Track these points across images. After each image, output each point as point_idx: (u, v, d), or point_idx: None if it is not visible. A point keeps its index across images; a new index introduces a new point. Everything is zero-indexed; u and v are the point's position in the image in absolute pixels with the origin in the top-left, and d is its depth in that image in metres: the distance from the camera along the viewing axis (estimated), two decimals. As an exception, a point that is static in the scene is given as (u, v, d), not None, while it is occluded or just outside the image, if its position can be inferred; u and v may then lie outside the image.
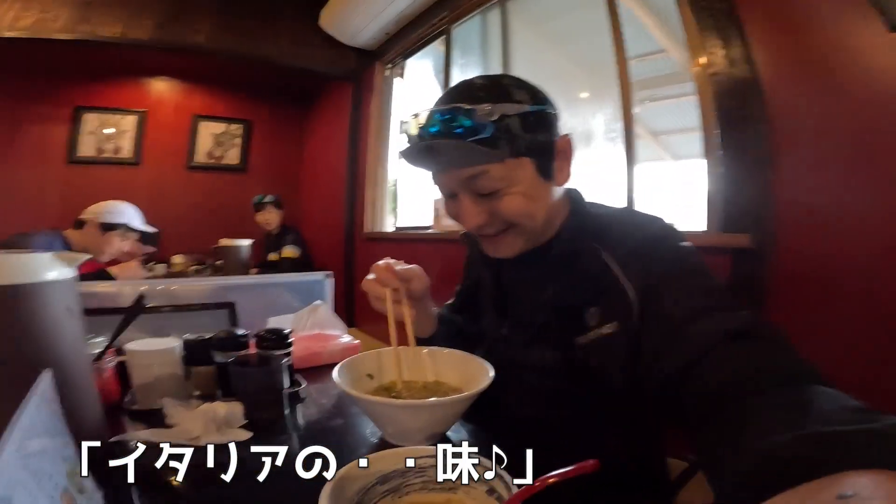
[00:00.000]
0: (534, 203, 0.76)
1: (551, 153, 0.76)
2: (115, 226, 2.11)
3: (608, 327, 0.73)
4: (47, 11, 2.90)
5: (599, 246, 0.77)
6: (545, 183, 0.77)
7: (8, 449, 0.35)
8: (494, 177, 0.72)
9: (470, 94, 0.73)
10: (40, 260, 0.61)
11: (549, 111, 0.76)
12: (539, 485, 0.48)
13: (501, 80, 0.76)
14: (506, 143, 0.71)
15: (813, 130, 1.31)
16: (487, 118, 0.69)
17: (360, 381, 0.82)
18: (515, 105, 0.71)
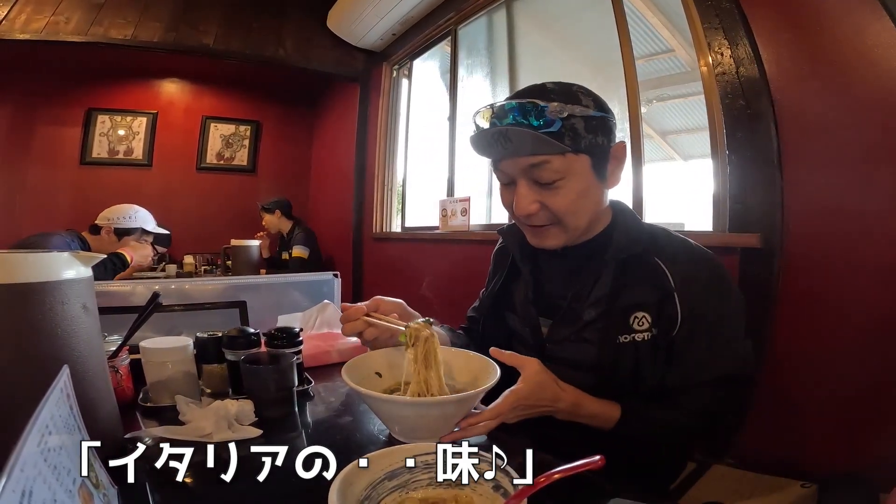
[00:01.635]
0: (583, 200, 0.83)
1: (606, 156, 0.84)
2: (131, 230, 2.15)
3: (650, 333, 0.82)
4: (59, 14, 2.94)
5: (655, 255, 0.84)
6: (598, 182, 0.84)
7: (29, 443, 0.36)
8: (554, 168, 0.79)
9: (543, 94, 0.80)
10: (58, 259, 0.62)
11: (609, 119, 0.83)
12: (544, 480, 0.49)
13: (571, 86, 0.83)
14: (569, 139, 0.78)
15: (822, 129, 1.30)
16: (557, 115, 0.76)
17: (367, 380, 0.83)
18: (582, 108, 0.78)
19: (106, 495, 0.49)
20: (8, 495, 0.30)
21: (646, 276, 0.83)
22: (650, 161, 1.92)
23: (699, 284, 0.82)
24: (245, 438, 0.74)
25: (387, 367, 0.86)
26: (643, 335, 0.82)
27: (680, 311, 0.81)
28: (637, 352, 0.82)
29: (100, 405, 0.66)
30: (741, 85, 1.44)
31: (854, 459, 1.18)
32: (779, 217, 1.36)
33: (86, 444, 0.49)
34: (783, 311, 1.35)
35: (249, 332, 0.93)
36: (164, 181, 4.33)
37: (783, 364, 1.34)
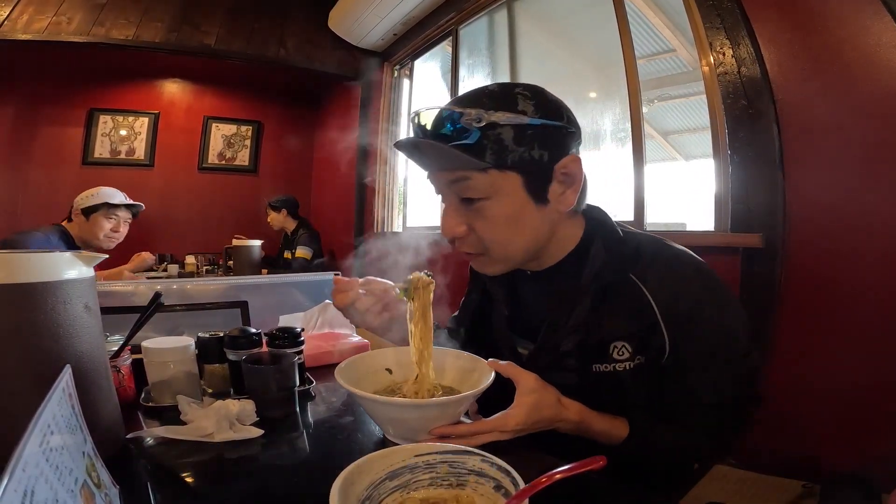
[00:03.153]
0: (512, 227, 0.72)
1: (548, 173, 0.71)
2: (95, 207, 2.16)
3: (633, 362, 0.75)
4: (61, 14, 2.95)
5: (638, 280, 0.74)
6: (535, 206, 0.72)
7: (31, 443, 0.36)
8: (474, 186, 0.70)
9: (473, 98, 0.71)
10: (60, 259, 0.63)
11: (554, 127, 0.70)
12: (546, 480, 0.49)
13: (514, 88, 0.72)
14: (492, 153, 0.68)
15: (824, 129, 1.30)
16: (474, 123, 0.66)
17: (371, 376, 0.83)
18: (513, 114, 0.67)
19: (107, 495, 0.49)
20: (10, 495, 0.31)
21: (627, 305, 0.74)
22: (651, 161, 1.92)
23: (689, 309, 0.72)
24: (246, 438, 0.74)
25: (395, 365, 0.86)
26: (624, 364, 0.74)
27: (668, 340, 0.73)
28: (618, 380, 0.75)
29: (102, 405, 0.66)
30: (743, 85, 1.44)
31: (856, 459, 1.18)
32: (781, 217, 1.36)
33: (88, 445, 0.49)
34: (785, 311, 1.35)
35: (251, 331, 0.93)
36: (166, 181, 4.33)
37: (785, 364, 1.34)
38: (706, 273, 0.76)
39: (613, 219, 0.82)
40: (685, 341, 0.73)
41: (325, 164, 4.79)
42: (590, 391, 0.74)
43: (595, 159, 2.18)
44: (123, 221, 2.26)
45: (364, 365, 0.84)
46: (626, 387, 0.75)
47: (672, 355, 0.73)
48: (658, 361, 0.74)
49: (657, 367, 0.74)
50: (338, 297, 0.87)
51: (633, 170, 1.88)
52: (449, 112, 0.68)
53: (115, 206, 2.19)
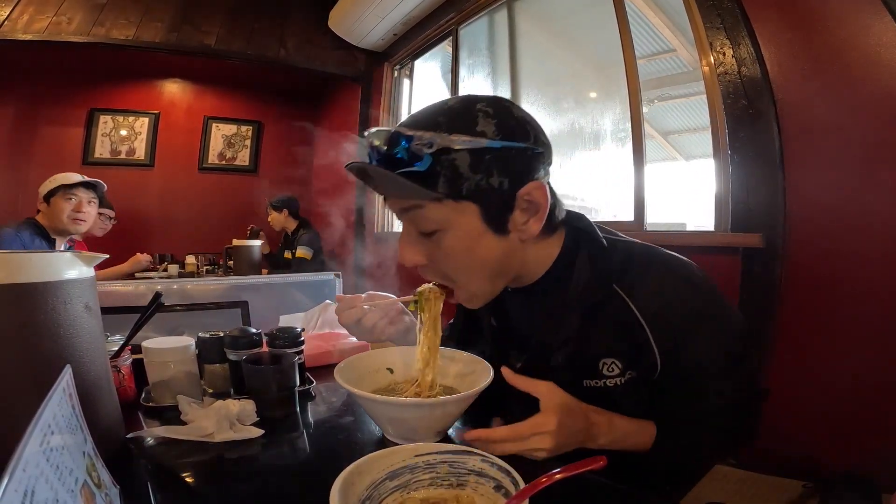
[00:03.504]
0: (473, 259, 0.68)
1: (510, 202, 0.65)
2: (53, 191, 2.16)
3: (623, 377, 0.73)
4: (61, 14, 2.95)
5: (625, 293, 0.70)
6: (495, 236, 0.66)
7: (31, 443, 0.36)
8: (430, 216, 0.65)
9: (429, 118, 0.64)
10: (60, 259, 0.63)
11: (517, 150, 0.63)
12: (546, 480, 0.49)
13: (476, 104, 0.64)
14: (445, 182, 0.61)
15: (824, 129, 1.30)
16: (425, 149, 0.60)
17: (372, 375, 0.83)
18: (467, 138, 0.60)
19: (108, 495, 0.49)
20: (10, 495, 0.31)
21: (615, 321, 0.70)
22: (652, 161, 1.92)
23: (679, 324, 0.69)
24: (247, 438, 0.74)
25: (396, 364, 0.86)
26: (615, 380, 0.72)
27: (659, 358, 0.70)
28: (610, 395, 0.73)
29: (102, 405, 0.66)
30: (743, 85, 1.44)
31: (856, 459, 1.18)
32: (781, 217, 1.36)
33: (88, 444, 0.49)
34: (785, 310, 1.35)
35: (251, 331, 0.93)
36: (166, 181, 4.34)
37: (785, 364, 1.34)
38: (697, 282, 0.72)
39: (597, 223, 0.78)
40: (678, 357, 0.70)
41: (325, 164, 4.79)
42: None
43: (595, 159, 2.19)
44: (87, 202, 2.23)
45: (364, 364, 0.84)
46: (618, 401, 0.73)
47: (665, 371, 0.71)
48: (650, 376, 0.72)
49: (650, 381, 0.73)
50: (343, 315, 0.86)
51: (634, 170, 1.88)
52: (399, 135, 0.61)
53: (71, 187, 2.18)
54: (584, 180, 2.30)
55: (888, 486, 0.99)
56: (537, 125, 0.68)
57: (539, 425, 0.62)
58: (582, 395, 0.68)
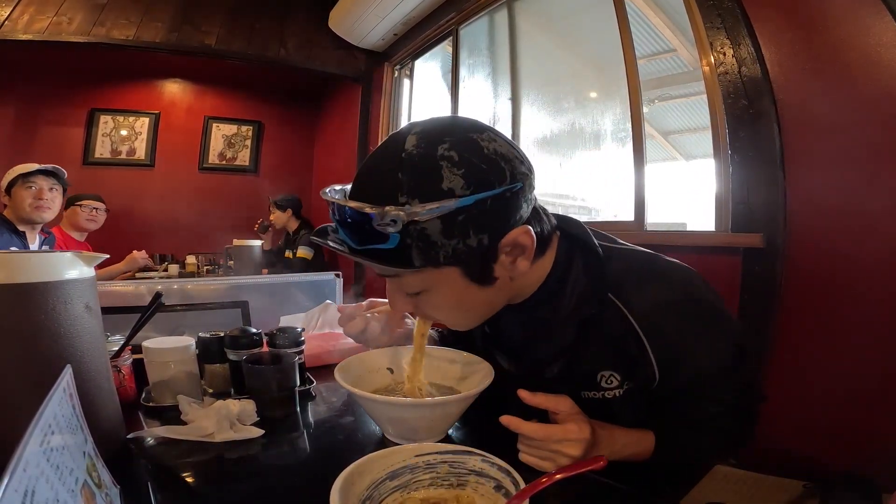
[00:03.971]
0: (463, 308, 0.67)
1: (492, 255, 0.61)
2: (13, 182, 2.17)
3: (622, 389, 0.72)
4: (62, 14, 2.95)
5: (622, 304, 0.68)
6: (480, 287, 0.64)
7: (32, 443, 0.36)
8: (410, 283, 0.63)
9: (387, 180, 0.57)
10: (61, 259, 0.63)
11: (494, 198, 0.56)
12: (546, 480, 0.49)
13: (436, 152, 0.56)
14: (419, 254, 0.56)
15: (825, 129, 1.30)
16: (390, 228, 0.54)
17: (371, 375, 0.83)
18: (433, 204, 0.53)
19: (108, 495, 0.49)
20: (10, 495, 0.31)
21: (612, 335, 0.68)
22: (652, 161, 1.91)
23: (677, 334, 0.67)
24: (247, 438, 0.74)
25: (397, 364, 0.86)
26: (614, 392, 0.72)
27: (657, 369, 0.68)
28: (608, 406, 0.72)
29: (102, 405, 0.67)
30: (743, 85, 1.44)
31: (857, 459, 1.18)
32: (781, 217, 1.36)
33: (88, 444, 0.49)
34: (786, 310, 1.35)
35: (251, 331, 0.93)
36: (167, 181, 4.33)
37: (786, 364, 1.34)
38: (696, 293, 0.69)
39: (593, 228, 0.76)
40: (676, 367, 0.69)
41: (325, 163, 4.79)
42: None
43: (595, 159, 2.19)
44: (48, 189, 2.21)
45: (364, 364, 0.84)
46: (616, 412, 0.73)
47: (662, 381, 0.70)
48: (648, 386, 0.71)
49: (647, 391, 0.72)
50: (347, 325, 0.86)
51: (634, 170, 1.88)
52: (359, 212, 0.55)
53: (29, 174, 2.17)
54: (584, 180, 2.30)
55: (888, 486, 0.99)
56: (512, 153, 0.60)
57: (572, 432, 0.62)
58: (581, 406, 0.68)
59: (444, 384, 0.84)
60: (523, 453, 0.64)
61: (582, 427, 0.62)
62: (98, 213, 3.05)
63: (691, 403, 0.74)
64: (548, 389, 0.67)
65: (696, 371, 0.70)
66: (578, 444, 0.62)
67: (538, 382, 0.72)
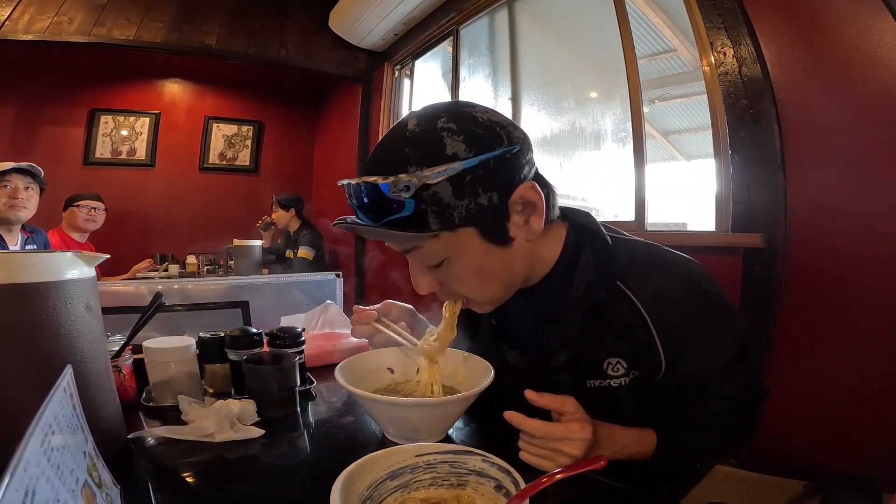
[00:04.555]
0: (484, 277, 0.67)
1: (504, 213, 0.64)
2: None
3: (628, 377, 0.72)
4: (62, 14, 2.95)
5: (630, 292, 0.69)
6: (500, 249, 0.65)
7: (32, 443, 0.36)
8: (430, 251, 0.64)
9: (395, 153, 0.61)
10: (61, 259, 0.63)
11: (497, 159, 0.60)
12: (547, 480, 0.49)
13: (437, 122, 0.61)
14: (435, 217, 0.59)
15: (825, 129, 1.30)
16: (403, 194, 0.57)
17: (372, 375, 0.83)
18: (441, 168, 0.57)
19: (108, 495, 0.49)
20: (11, 494, 0.31)
21: (620, 321, 0.70)
22: (652, 161, 1.91)
23: (684, 324, 0.69)
24: (247, 438, 0.74)
25: (397, 364, 0.86)
26: (619, 380, 0.72)
27: (664, 358, 0.70)
28: (612, 395, 0.73)
29: (103, 405, 0.67)
30: (744, 85, 1.44)
31: (857, 459, 1.18)
32: (782, 217, 1.36)
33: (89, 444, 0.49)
34: (786, 311, 1.35)
35: (252, 331, 0.93)
36: (167, 181, 4.34)
37: (786, 364, 1.34)
38: (702, 284, 0.71)
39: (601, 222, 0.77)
40: (681, 359, 0.70)
41: (325, 163, 4.80)
42: (583, 404, 0.71)
43: (596, 159, 2.18)
44: (23, 188, 2.16)
45: (364, 364, 0.84)
46: (621, 402, 0.74)
47: (668, 372, 0.71)
48: (654, 377, 0.72)
49: (652, 381, 0.73)
50: (356, 329, 0.89)
51: (634, 170, 1.88)
52: (373, 185, 0.58)
53: (4, 173, 2.12)
54: (584, 180, 2.30)
55: (889, 487, 0.99)
56: (506, 121, 0.65)
57: (574, 431, 0.62)
58: (585, 396, 0.68)
59: (444, 384, 0.84)
60: (524, 452, 0.64)
61: (584, 427, 0.63)
62: (97, 213, 3.04)
63: (695, 400, 0.74)
64: (553, 379, 0.68)
65: (701, 361, 0.71)
66: (579, 444, 0.62)
67: (544, 372, 0.73)
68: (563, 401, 0.65)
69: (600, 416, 0.70)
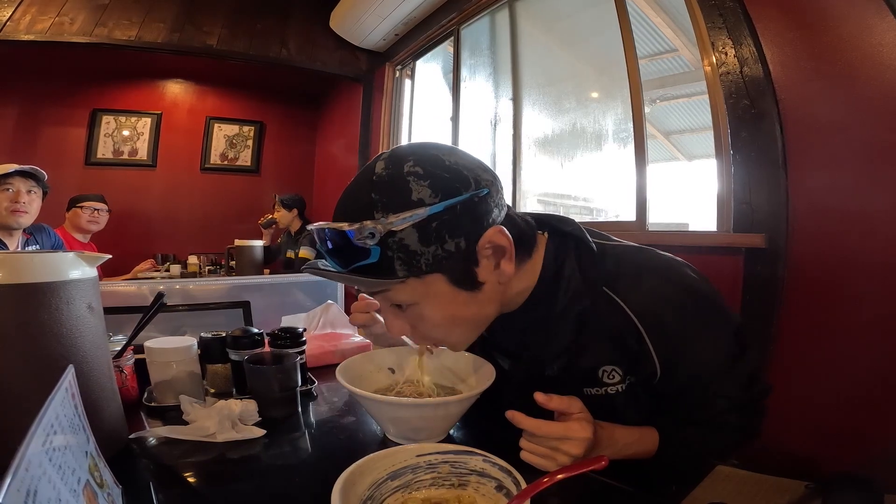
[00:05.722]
0: (455, 321, 0.66)
1: (471, 259, 0.62)
2: None
3: (624, 384, 0.72)
4: (64, 15, 2.95)
5: (619, 297, 0.69)
6: (469, 293, 0.64)
7: (34, 443, 0.36)
8: (398, 295, 0.63)
9: (362, 200, 0.59)
10: (64, 259, 0.63)
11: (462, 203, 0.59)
12: (548, 480, 0.49)
13: (402, 167, 0.59)
14: (401, 264, 0.58)
15: (827, 129, 1.29)
16: (369, 241, 0.57)
17: (373, 375, 0.83)
18: (406, 214, 0.56)
19: (110, 495, 0.50)
20: (12, 494, 0.31)
21: (611, 329, 0.69)
22: (654, 161, 1.91)
23: (676, 328, 0.68)
24: (248, 438, 0.74)
25: (398, 365, 0.86)
26: (616, 387, 0.72)
27: (658, 363, 0.69)
28: (611, 402, 0.73)
29: (105, 405, 0.67)
30: (745, 84, 1.44)
31: (859, 460, 1.17)
32: (784, 217, 1.36)
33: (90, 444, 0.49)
34: (788, 311, 1.35)
35: (253, 332, 0.93)
36: (169, 182, 4.34)
37: (788, 364, 1.34)
38: (693, 284, 0.70)
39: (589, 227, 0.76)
40: (677, 362, 0.69)
41: (326, 163, 4.80)
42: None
43: (597, 159, 2.18)
44: (25, 191, 2.11)
45: (365, 365, 0.84)
46: (619, 409, 0.74)
47: (664, 376, 0.70)
48: (650, 381, 0.71)
49: (649, 385, 0.72)
50: (354, 316, 0.88)
51: (636, 170, 1.88)
52: (339, 232, 0.58)
53: (6, 176, 2.07)
54: (586, 181, 2.30)
55: (891, 487, 0.99)
56: (474, 163, 0.63)
57: (574, 430, 0.62)
58: (584, 403, 0.67)
59: (445, 384, 0.84)
60: (524, 451, 0.64)
61: (584, 426, 0.63)
62: (100, 215, 3.04)
63: (696, 400, 0.73)
64: (549, 388, 0.66)
65: (696, 363, 0.70)
66: (579, 443, 0.62)
67: (539, 382, 0.72)
68: (569, 402, 0.65)
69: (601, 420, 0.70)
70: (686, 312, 0.68)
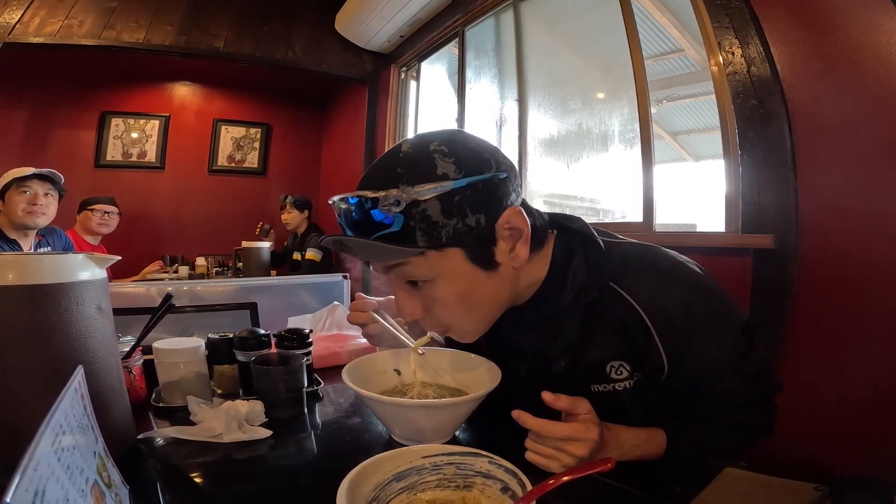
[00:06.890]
0: (469, 302, 0.67)
1: (490, 237, 0.64)
2: (7, 186, 2.11)
3: (632, 380, 0.72)
4: (72, 18, 2.98)
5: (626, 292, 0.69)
6: (485, 273, 0.65)
7: (43, 443, 0.36)
8: (415, 271, 0.64)
9: (387, 172, 0.62)
10: (73, 260, 0.63)
11: (486, 182, 0.62)
12: (553, 482, 0.49)
13: (429, 145, 0.62)
14: (423, 235, 0.60)
15: (836, 128, 1.28)
16: (393, 208, 0.59)
17: (379, 377, 0.84)
18: (431, 186, 0.59)
19: (118, 495, 0.50)
20: (21, 494, 0.31)
21: (619, 324, 0.70)
22: (661, 162, 1.90)
23: (683, 323, 0.68)
24: (255, 439, 0.74)
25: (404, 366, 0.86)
26: (624, 383, 0.72)
27: (665, 355, 0.69)
28: (618, 399, 0.73)
29: (113, 405, 0.67)
30: (753, 84, 1.43)
31: (870, 462, 1.16)
32: (793, 217, 1.34)
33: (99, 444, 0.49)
34: (798, 312, 1.34)
35: (260, 333, 0.93)
36: (177, 183, 4.37)
37: (797, 365, 1.33)
38: (698, 281, 0.71)
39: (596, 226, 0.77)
40: (683, 358, 0.70)
41: (333, 165, 4.81)
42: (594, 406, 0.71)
43: (604, 160, 2.18)
44: (43, 194, 2.15)
45: (371, 366, 0.85)
46: (627, 405, 0.73)
47: (671, 373, 0.70)
48: (657, 378, 0.72)
49: (657, 382, 0.72)
50: (352, 315, 0.89)
51: (643, 170, 1.87)
52: (363, 199, 0.60)
53: (24, 179, 2.11)
54: (592, 181, 2.29)
55: (902, 490, 0.98)
56: (494, 149, 0.66)
57: (580, 431, 0.62)
58: (591, 401, 0.67)
59: (450, 386, 0.84)
60: (529, 451, 0.64)
61: (590, 427, 0.63)
62: (110, 217, 3.06)
63: (704, 397, 0.73)
64: (557, 387, 0.67)
65: (705, 359, 0.70)
66: (585, 444, 0.62)
67: (546, 380, 0.72)
68: (576, 402, 0.65)
69: (606, 420, 0.69)
70: (692, 306, 0.69)
